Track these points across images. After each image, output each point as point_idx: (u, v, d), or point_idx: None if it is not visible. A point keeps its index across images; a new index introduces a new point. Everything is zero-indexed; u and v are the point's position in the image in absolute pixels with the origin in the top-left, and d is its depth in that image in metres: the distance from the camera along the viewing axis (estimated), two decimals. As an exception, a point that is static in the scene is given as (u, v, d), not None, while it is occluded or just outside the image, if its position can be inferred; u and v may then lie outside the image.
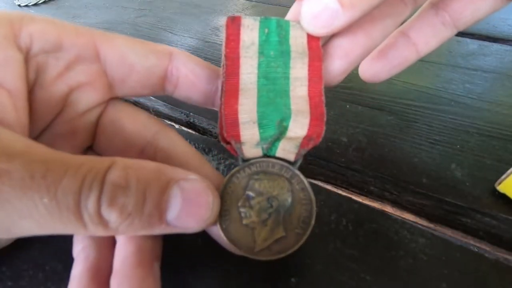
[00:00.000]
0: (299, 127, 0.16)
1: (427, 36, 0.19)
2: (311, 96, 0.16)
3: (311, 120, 0.16)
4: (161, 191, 0.12)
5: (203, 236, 0.18)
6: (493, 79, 0.31)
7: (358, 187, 0.23)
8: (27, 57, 0.15)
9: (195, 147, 0.24)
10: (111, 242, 0.16)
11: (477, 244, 0.19)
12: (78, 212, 0.11)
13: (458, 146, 0.24)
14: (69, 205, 0.11)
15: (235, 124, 0.15)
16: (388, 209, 0.21)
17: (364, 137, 0.25)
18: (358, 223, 0.19)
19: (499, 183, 0.20)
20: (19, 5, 0.51)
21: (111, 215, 0.12)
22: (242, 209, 0.15)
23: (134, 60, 0.17)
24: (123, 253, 0.15)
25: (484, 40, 0.37)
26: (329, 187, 0.22)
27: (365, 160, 0.23)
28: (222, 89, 0.16)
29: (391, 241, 0.18)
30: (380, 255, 0.18)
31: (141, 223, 0.12)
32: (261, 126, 0.16)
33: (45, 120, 0.16)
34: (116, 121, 0.18)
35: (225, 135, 0.15)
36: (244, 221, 0.15)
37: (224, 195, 0.15)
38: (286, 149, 0.16)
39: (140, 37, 0.41)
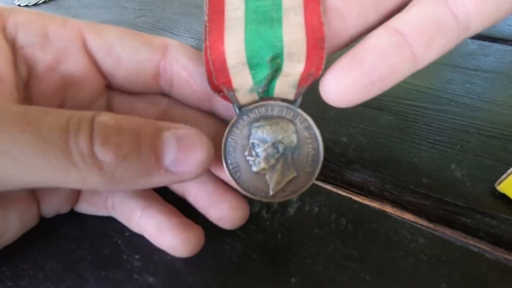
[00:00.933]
0: (295, 60, 0.14)
1: (430, 34, 0.12)
2: (307, 21, 0.14)
3: (308, 49, 0.14)
4: (155, 134, 0.12)
5: (203, 236, 0.18)
6: (493, 79, 0.31)
7: (358, 187, 0.23)
8: (14, 48, 0.15)
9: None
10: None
11: (477, 244, 0.19)
12: (67, 150, 0.11)
13: (458, 146, 0.24)
14: (56, 142, 0.10)
15: (224, 69, 0.14)
16: (388, 209, 0.21)
17: (364, 137, 0.25)
18: (358, 223, 0.19)
19: (499, 183, 0.20)
20: (19, 5, 0.51)
21: (107, 155, 0.11)
22: (249, 158, 0.15)
23: (121, 53, 0.16)
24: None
25: (484, 40, 0.37)
26: (329, 187, 0.22)
27: (365, 160, 0.23)
28: (205, 30, 0.14)
29: (391, 241, 0.18)
30: (380, 255, 0.18)
31: (139, 168, 0.12)
32: (252, 67, 0.14)
33: None
34: (128, 102, 0.17)
35: (215, 82, 0.14)
36: (254, 169, 0.15)
37: (228, 148, 0.15)
38: (284, 88, 0.14)
39: (140, 37, 0.41)
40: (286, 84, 0.14)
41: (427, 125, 0.26)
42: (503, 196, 0.20)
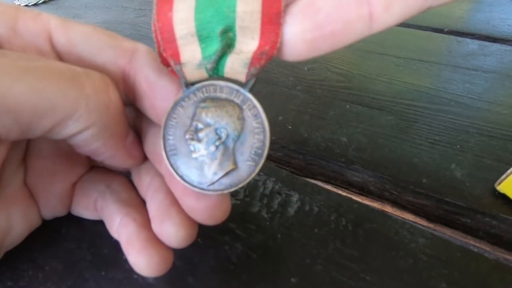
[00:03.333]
0: (248, 35, 0.12)
1: None
2: None
3: (263, 23, 0.12)
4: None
5: (203, 236, 0.18)
6: (493, 79, 0.31)
7: (358, 187, 0.23)
8: None
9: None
10: (146, 208, 0.16)
11: (477, 244, 0.19)
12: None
13: (458, 146, 0.24)
14: (63, 71, 0.12)
15: (171, 39, 0.13)
16: (388, 209, 0.21)
17: (364, 137, 0.25)
18: (358, 223, 0.19)
19: (499, 183, 0.20)
20: (18, 5, 0.50)
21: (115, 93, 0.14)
22: (190, 142, 0.14)
23: (83, 52, 0.15)
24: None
25: (484, 40, 0.37)
26: (329, 187, 0.22)
27: (365, 160, 0.23)
28: None
29: (391, 241, 0.18)
30: (380, 255, 0.18)
31: None
32: (201, 39, 0.13)
33: None
34: None
35: (164, 55, 0.13)
36: (193, 155, 0.14)
37: (168, 127, 0.14)
38: (235, 67, 0.13)
39: (140, 37, 0.41)
40: (237, 62, 0.13)
41: (427, 125, 0.26)
42: (503, 196, 0.20)
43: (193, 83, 0.14)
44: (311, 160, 0.24)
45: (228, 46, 0.13)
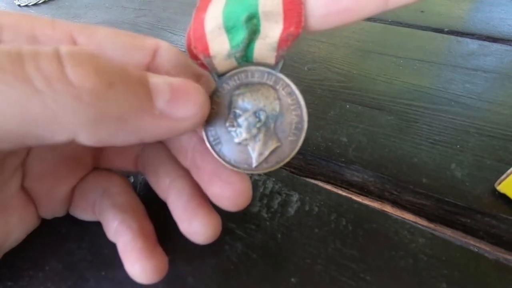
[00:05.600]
0: (272, 19, 0.13)
1: None
2: None
3: (285, 5, 0.13)
4: (143, 77, 0.11)
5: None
6: (493, 79, 0.31)
7: (358, 187, 0.23)
8: None
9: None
10: (144, 211, 0.16)
11: (477, 244, 0.19)
12: (22, 75, 0.08)
13: (458, 146, 0.24)
14: (4, 67, 0.08)
15: (202, 35, 0.13)
16: (388, 209, 0.21)
17: (364, 137, 0.25)
18: (358, 223, 0.19)
19: (499, 183, 0.20)
20: (19, 5, 0.51)
21: (85, 79, 0.09)
22: (230, 129, 0.14)
23: (112, 54, 0.15)
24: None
25: (484, 40, 0.37)
26: (329, 187, 0.22)
27: (365, 160, 0.23)
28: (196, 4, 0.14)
29: (391, 241, 0.18)
30: (380, 255, 0.18)
31: (127, 101, 0.10)
32: (228, 30, 0.13)
33: None
34: None
35: (194, 51, 0.14)
36: (236, 140, 0.14)
37: (208, 118, 0.14)
38: (263, 52, 0.14)
39: (140, 37, 0.41)
40: (265, 47, 0.13)
41: (427, 125, 0.26)
42: (503, 196, 0.20)
43: (224, 73, 0.14)
44: (311, 160, 0.24)
45: (253, 32, 0.13)
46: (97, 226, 0.18)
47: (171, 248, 0.17)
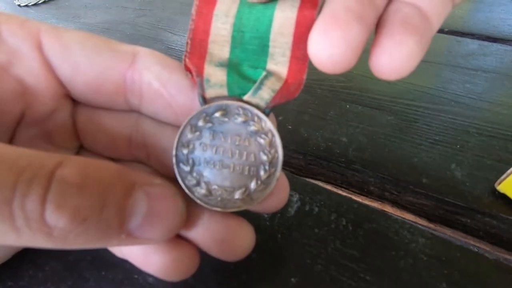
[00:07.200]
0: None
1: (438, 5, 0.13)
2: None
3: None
4: (126, 194, 0.11)
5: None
6: (493, 79, 0.31)
7: (358, 187, 0.23)
8: None
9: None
10: None
11: (477, 244, 0.19)
12: (9, 213, 0.09)
13: (458, 146, 0.24)
14: None
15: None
16: (388, 209, 0.21)
17: (364, 137, 0.25)
18: (358, 223, 0.19)
19: (499, 183, 0.20)
20: (19, 5, 0.50)
21: (60, 220, 0.09)
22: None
23: (79, 58, 0.14)
24: None
25: (484, 40, 0.37)
26: (329, 187, 0.22)
27: (365, 160, 0.23)
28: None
29: (391, 241, 0.18)
30: (380, 255, 0.18)
31: (96, 232, 0.10)
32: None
33: (11, 118, 0.14)
34: (94, 116, 0.16)
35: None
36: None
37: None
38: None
39: (140, 37, 0.41)
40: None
41: (427, 125, 0.26)
42: (503, 196, 0.20)
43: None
44: (311, 160, 0.24)
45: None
46: (97, 226, 0.18)
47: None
